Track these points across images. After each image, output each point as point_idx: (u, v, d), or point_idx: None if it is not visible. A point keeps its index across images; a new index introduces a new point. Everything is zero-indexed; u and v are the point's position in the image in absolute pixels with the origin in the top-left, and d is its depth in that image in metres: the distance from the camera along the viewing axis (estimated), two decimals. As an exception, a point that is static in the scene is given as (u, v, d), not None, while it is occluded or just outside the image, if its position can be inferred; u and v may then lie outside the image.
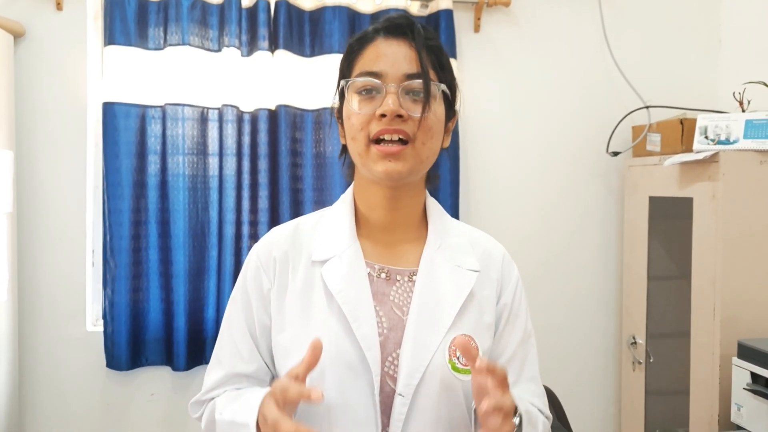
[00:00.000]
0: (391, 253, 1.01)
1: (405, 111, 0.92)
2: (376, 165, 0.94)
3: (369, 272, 0.98)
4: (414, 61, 0.94)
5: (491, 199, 2.42)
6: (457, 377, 0.94)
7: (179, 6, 2.13)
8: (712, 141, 1.94)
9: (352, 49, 0.99)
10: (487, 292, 1.01)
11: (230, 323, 1.02)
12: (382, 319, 0.95)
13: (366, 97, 0.94)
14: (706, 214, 1.94)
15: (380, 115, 0.92)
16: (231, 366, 1.00)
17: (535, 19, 2.42)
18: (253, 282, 1.01)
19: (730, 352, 1.83)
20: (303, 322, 0.96)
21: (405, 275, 0.99)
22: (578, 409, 2.44)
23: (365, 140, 0.94)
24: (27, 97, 2.12)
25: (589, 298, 2.49)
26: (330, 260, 0.98)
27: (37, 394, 2.17)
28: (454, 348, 0.94)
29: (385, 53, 0.94)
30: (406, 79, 0.93)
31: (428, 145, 0.95)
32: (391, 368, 0.93)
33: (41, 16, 2.12)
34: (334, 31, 2.23)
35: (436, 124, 0.96)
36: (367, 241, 1.01)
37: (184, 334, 2.16)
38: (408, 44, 0.95)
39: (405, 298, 0.97)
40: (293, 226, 1.05)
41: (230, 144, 2.17)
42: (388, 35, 0.96)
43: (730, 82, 2.37)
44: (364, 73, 0.94)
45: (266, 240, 1.04)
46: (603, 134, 2.42)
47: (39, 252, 2.15)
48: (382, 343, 0.93)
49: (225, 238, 2.17)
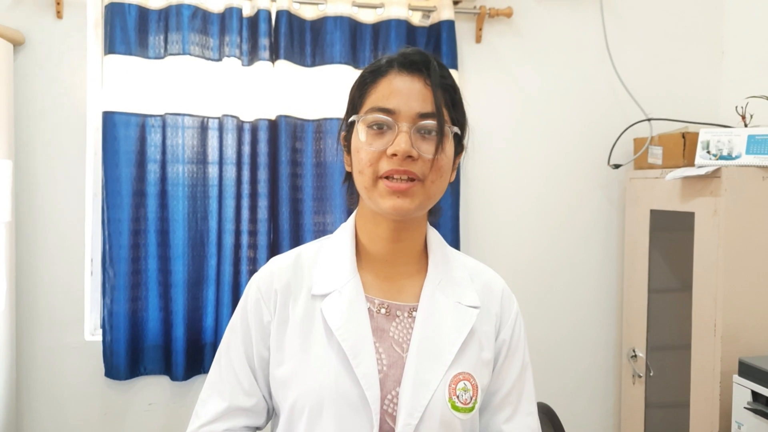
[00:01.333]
0: (392, 287, 1.00)
1: (416, 152, 0.90)
2: (384, 200, 0.92)
3: (369, 307, 0.97)
4: (428, 99, 0.92)
5: (492, 210, 2.41)
6: (457, 416, 0.93)
7: (180, 15, 2.12)
8: (714, 156, 1.93)
9: (364, 80, 0.97)
10: (486, 327, 1.01)
11: (230, 353, 1.01)
12: (382, 356, 0.94)
13: (377, 132, 0.93)
14: (708, 230, 1.93)
15: (391, 154, 0.90)
16: (232, 398, 0.99)
17: (537, 30, 2.41)
18: (254, 314, 0.99)
19: (730, 369, 1.82)
20: (302, 357, 0.95)
21: (405, 311, 0.98)
22: (578, 421, 2.43)
23: (373, 176, 0.93)
24: (26, 105, 2.11)
25: (590, 310, 2.48)
26: (330, 294, 0.97)
27: (34, 403, 2.16)
28: (454, 386, 0.93)
29: (399, 89, 0.92)
30: (420, 118, 0.92)
31: (437, 184, 0.94)
32: (390, 406, 0.92)
33: (41, 25, 2.11)
34: (335, 41, 2.22)
35: (447, 162, 0.95)
36: (367, 274, 1.00)
37: (183, 343, 2.16)
38: (423, 81, 0.93)
39: (405, 335, 0.96)
40: (294, 256, 1.04)
41: (230, 153, 2.16)
42: (403, 70, 0.94)
43: (733, 96, 2.36)
44: (377, 109, 0.92)
45: (267, 271, 1.03)
46: (605, 146, 2.41)
47: (38, 261, 2.15)
48: (381, 380, 0.92)
49: (224, 248, 2.17)
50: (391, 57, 0.96)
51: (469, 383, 0.94)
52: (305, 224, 2.23)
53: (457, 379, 0.94)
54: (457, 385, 0.93)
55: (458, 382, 0.94)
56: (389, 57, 0.97)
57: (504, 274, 2.47)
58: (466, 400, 0.93)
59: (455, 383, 0.93)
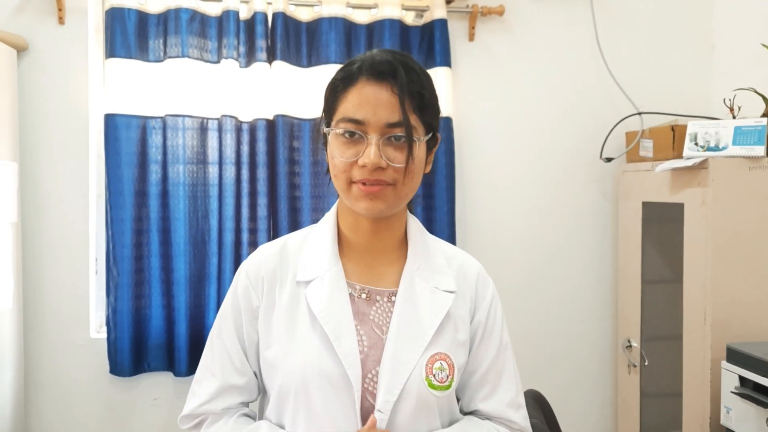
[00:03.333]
0: (372, 273, 1.05)
1: (385, 162, 0.94)
2: (358, 202, 0.98)
3: (350, 292, 1.02)
4: (395, 108, 0.95)
5: (487, 206, 2.45)
6: (434, 394, 0.98)
7: (178, 19, 2.17)
8: (701, 147, 1.97)
9: (336, 87, 1.00)
10: (461, 311, 1.05)
11: (221, 336, 1.06)
12: (363, 338, 1.00)
13: (349, 141, 0.97)
14: (697, 220, 1.97)
15: (362, 165, 0.95)
16: (224, 377, 1.04)
17: (529, 27, 2.45)
18: (243, 299, 1.05)
19: (720, 356, 1.86)
20: (288, 339, 1.00)
21: (385, 296, 1.03)
22: (574, 412, 2.47)
23: (347, 181, 0.98)
24: (30, 109, 2.17)
25: (585, 302, 2.52)
26: (313, 281, 1.02)
27: (41, 400, 2.21)
28: (431, 366, 0.98)
29: (368, 99, 0.95)
30: (388, 128, 0.95)
31: (409, 186, 0.99)
32: (371, 384, 0.98)
33: (44, 30, 2.17)
34: (330, 42, 2.27)
35: (418, 165, 0.99)
36: (348, 262, 1.05)
37: (186, 339, 2.21)
38: (390, 89, 0.96)
39: (384, 318, 1.01)
40: (281, 244, 1.09)
41: (229, 153, 2.21)
42: (371, 78, 0.96)
43: (723, 89, 2.40)
44: (347, 120, 0.96)
45: (255, 258, 1.08)
46: (597, 140, 2.45)
47: (43, 261, 2.20)
48: (362, 360, 0.98)
49: (225, 246, 2.21)
50: (361, 62, 0.98)
51: (445, 363, 0.99)
52: (304, 221, 2.28)
53: (433, 359, 0.99)
54: (433, 365, 0.99)
55: (435, 362, 0.99)
56: (360, 62, 0.98)
57: (499, 268, 2.52)
58: (443, 378, 0.98)
59: (432, 363, 0.99)
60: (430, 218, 2.33)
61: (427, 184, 2.33)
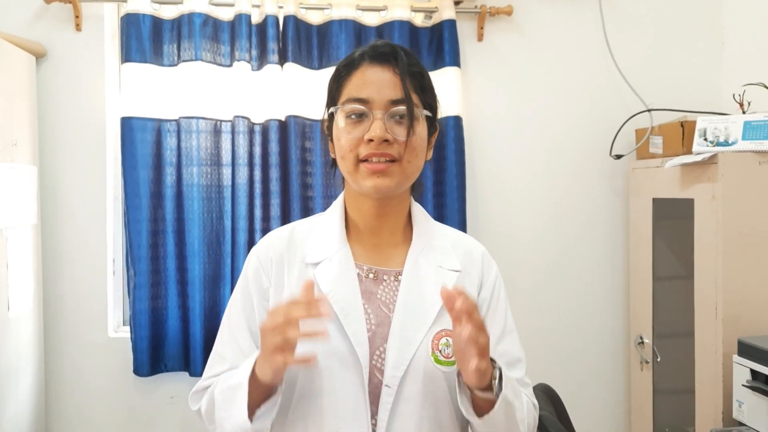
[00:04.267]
0: (379, 255, 1.09)
1: (391, 135, 1.00)
2: (366, 181, 1.02)
3: (358, 273, 1.06)
4: (398, 87, 1.01)
5: (498, 205, 2.47)
6: (440, 369, 1.01)
7: (192, 24, 2.21)
8: (711, 143, 1.98)
9: (339, 74, 1.06)
10: (468, 289, 1.07)
11: (231, 321, 1.10)
12: (370, 316, 1.03)
13: (354, 121, 1.02)
14: (707, 215, 1.97)
15: (368, 139, 1.00)
16: (233, 360, 1.07)
17: (538, 26, 2.47)
18: (254, 281, 1.09)
19: (732, 351, 1.85)
20: None
21: (391, 275, 1.07)
22: (587, 409, 2.47)
23: (354, 160, 1.02)
24: (49, 114, 2.23)
25: (596, 299, 2.53)
26: (322, 262, 1.06)
27: (61, 398, 2.26)
28: (437, 342, 1.01)
29: (371, 80, 1.02)
30: (391, 105, 1.01)
31: (413, 163, 1.04)
32: (378, 361, 1.01)
33: (61, 37, 2.23)
34: (340, 44, 2.30)
35: (420, 143, 1.04)
36: (356, 245, 1.09)
37: (201, 339, 2.24)
38: (392, 70, 1.02)
39: (391, 297, 1.05)
40: (289, 229, 1.13)
41: (242, 154, 2.25)
42: (373, 61, 1.03)
43: (733, 84, 2.39)
44: (353, 100, 1.02)
45: (264, 242, 1.13)
46: (607, 138, 2.46)
47: (62, 262, 2.25)
48: (370, 338, 1.01)
49: (238, 246, 2.25)
50: (363, 50, 1.06)
51: (451, 339, 1.02)
52: (314, 220, 2.31)
53: (439, 336, 1.02)
54: (439, 341, 1.02)
55: (440, 338, 1.02)
56: (361, 50, 1.06)
57: (510, 266, 2.53)
58: (448, 354, 1.01)
59: (438, 339, 1.02)
60: (441, 215, 2.35)
61: (438, 182, 2.35)
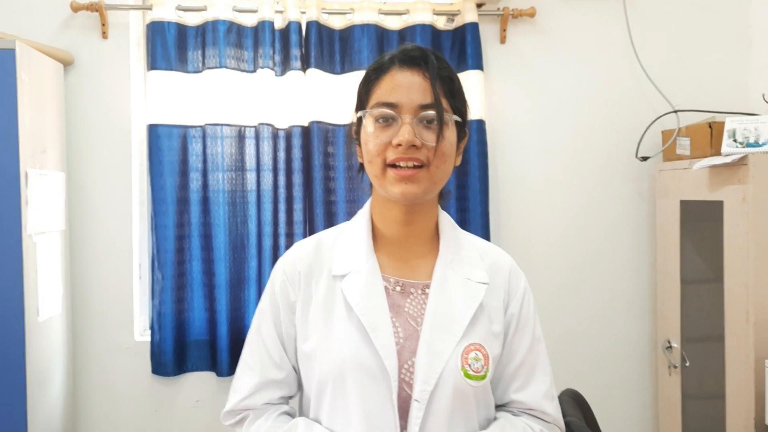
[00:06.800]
0: (406, 266, 1.07)
1: (419, 141, 0.98)
2: (393, 187, 1.00)
3: (385, 285, 1.05)
4: (427, 91, 0.99)
5: (522, 208, 2.45)
6: (470, 383, 0.99)
7: (216, 31, 2.23)
8: (740, 144, 1.94)
9: (369, 77, 1.05)
10: (495, 302, 1.07)
11: (260, 332, 1.10)
12: (398, 330, 1.02)
13: (383, 125, 1.00)
14: (737, 217, 1.94)
15: (396, 144, 0.98)
16: (263, 372, 1.08)
17: (561, 28, 2.45)
18: (281, 294, 1.08)
19: (764, 355, 1.82)
20: (325, 332, 1.02)
21: (419, 288, 1.06)
22: (615, 414, 2.44)
23: (382, 165, 1.01)
24: (77, 121, 2.26)
25: (624, 303, 2.50)
26: (349, 275, 1.05)
27: (89, 400, 2.29)
28: (466, 356, 1.00)
29: (400, 84, 1.00)
30: (421, 109, 0.99)
31: (442, 169, 1.02)
32: (407, 375, 1.00)
33: (88, 45, 2.26)
34: (363, 48, 2.30)
35: (449, 149, 1.02)
36: (383, 256, 1.08)
37: (227, 340, 2.26)
38: (422, 75, 1.00)
39: (419, 310, 1.04)
40: (315, 241, 1.12)
41: (266, 160, 2.27)
42: (403, 65, 1.02)
43: (761, 84, 2.35)
44: (382, 104, 1.00)
45: (291, 255, 1.12)
46: (632, 139, 2.43)
47: (90, 267, 2.28)
48: (398, 351, 1.00)
49: (263, 250, 2.27)
50: (392, 54, 1.04)
51: (480, 353, 1.01)
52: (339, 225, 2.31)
53: (468, 350, 1.01)
54: (468, 355, 1.00)
55: (470, 352, 1.00)
56: (391, 54, 1.05)
57: (536, 269, 2.51)
58: (478, 368, 1.00)
59: (467, 353, 1.00)
60: (464, 220, 2.34)
61: (461, 186, 2.34)
